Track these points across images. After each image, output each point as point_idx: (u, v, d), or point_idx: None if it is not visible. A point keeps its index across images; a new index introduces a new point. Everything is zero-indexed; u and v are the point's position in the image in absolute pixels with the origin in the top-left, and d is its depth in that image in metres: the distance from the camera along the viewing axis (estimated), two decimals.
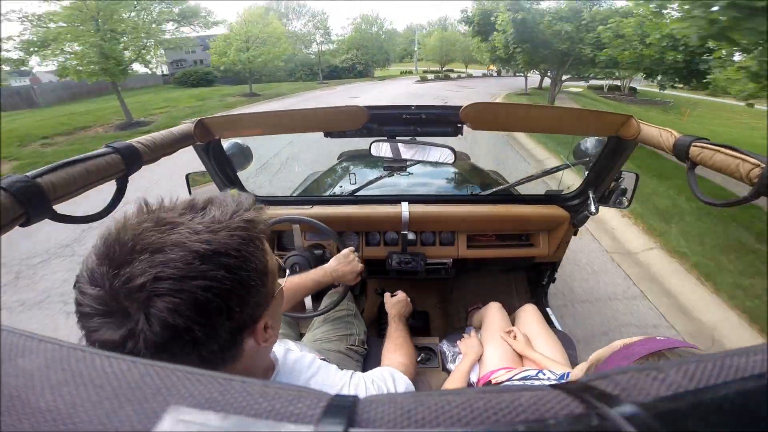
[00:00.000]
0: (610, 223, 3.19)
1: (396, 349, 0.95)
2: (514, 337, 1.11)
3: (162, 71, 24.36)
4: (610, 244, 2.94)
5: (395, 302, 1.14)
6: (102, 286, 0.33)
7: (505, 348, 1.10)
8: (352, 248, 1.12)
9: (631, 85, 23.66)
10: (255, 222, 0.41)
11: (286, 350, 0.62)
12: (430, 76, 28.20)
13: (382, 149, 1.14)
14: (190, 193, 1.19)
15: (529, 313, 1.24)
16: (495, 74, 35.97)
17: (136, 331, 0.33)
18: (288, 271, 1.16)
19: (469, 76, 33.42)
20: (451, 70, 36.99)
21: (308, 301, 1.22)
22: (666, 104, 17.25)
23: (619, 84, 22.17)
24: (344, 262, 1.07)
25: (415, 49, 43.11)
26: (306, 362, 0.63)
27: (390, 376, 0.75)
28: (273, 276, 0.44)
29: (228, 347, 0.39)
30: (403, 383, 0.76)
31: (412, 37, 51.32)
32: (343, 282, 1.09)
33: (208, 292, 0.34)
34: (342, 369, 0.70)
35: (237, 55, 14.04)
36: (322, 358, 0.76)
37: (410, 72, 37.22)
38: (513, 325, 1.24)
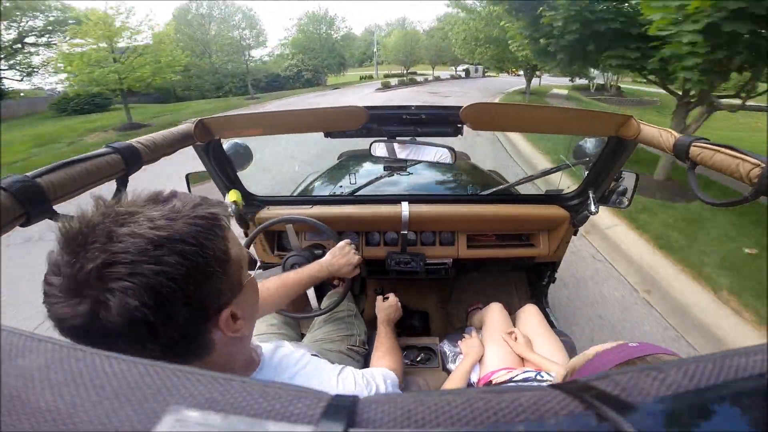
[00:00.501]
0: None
1: (384, 355, 0.96)
2: (515, 338, 1.11)
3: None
4: None
5: (386, 307, 1.14)
6: (63, 274, 0.34)
7: (506, 349, 1.10)
8: (347, 240, 1.10)
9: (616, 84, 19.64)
10: (216, 214, 0.41)
11: (276, 347, 0.62)
12: (393, 81, 23.83)
13: (382, 149, 1.14)
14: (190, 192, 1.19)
15: (530, 313, 1.24)
16: (463, 75, 32.55)
17: (96, 315, 0.34)
18: (258, 264, 1.16)
19: (437, 78, 29.16)
20: (416, 73, 32.94)
21: (313, 301, 1.22)
22: (654, 104, 14.47)
23: (603, 83, 18.73)
24: (339, 255, 1.05)
25: (374, 50, 37.03)
26: (294, 358, 0.62)
27: (381, 376, 0.75)
28: (238, 266, 0.44)
29: (193, 337, 0.39)
30: (392, 386, 0.77)
31: (371, 39, 44.61)
32: (340, 275, 1.06)
33: (160, 276, 0.34)
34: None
35: (88, 72, 8.75)
36: (314, 354, 0.76)
37: (371, 77, 32.59)
38: (514, 325, 1.24)
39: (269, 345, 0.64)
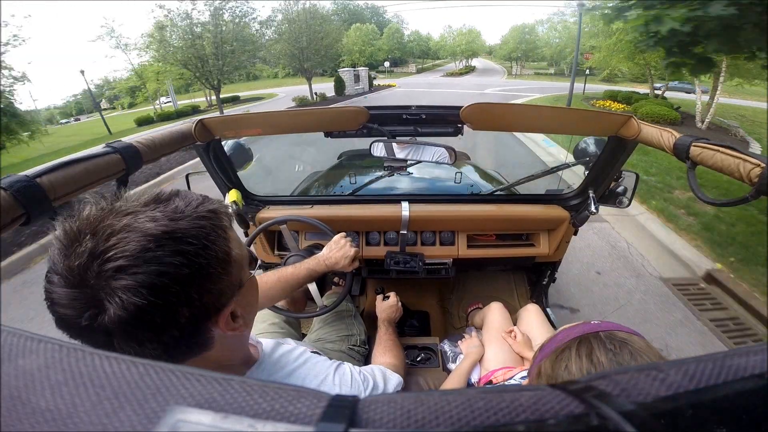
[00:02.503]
0: None
1: (386, 351, 0.96)
2: (515, 336, 1.11)
3: None
4: None
5: (386, 307, 1.14)
6: (62, 273, 0.34)
7: (507, 348, 1.10)
8: (343, 234, 1.09)
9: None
10: (218, 212, 0.41)
11: (276, 344, 0.63)
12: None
13: (381, 149, 1.14)
14: None
15: (531, 312, 1.24)
16: (333, 93, 15.79)
17: (97, 313, 0.33)
18: (258, 263, 1.15)
19: (303, 101, 13.80)
20: (230, 102, 17.60)
21: (317, 297, 1.22)
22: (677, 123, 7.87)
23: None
24: (335, 248, 1.04)
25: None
26: (293, 356, 0.63)
27: (380, 372, 0.76)
28: (239, 265, 0.44)
29: (192, 335, 0.39)
30: (394, 381, 0.77)
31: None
32: (337, 269, 1.05)
33: (163, 278, 0.34)
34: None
35: None
36: (314, 351, 0.76)
37: (193, 109, 17.14)
38: (515, 324, 1.24)
39: (270, 341, 0.64)
